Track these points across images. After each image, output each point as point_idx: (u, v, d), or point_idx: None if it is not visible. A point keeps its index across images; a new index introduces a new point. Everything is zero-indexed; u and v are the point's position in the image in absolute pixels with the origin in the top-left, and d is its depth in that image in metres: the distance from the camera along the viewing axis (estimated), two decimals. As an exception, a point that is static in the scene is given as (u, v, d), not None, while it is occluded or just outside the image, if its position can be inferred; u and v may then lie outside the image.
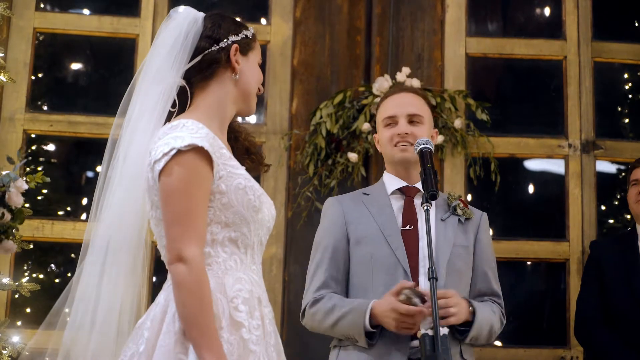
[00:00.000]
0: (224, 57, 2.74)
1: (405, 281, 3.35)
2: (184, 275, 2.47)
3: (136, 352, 2.52)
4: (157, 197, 2.58)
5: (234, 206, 2.61)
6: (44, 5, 5.56)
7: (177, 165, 2.52)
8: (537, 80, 6.01)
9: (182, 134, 2.55)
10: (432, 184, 3.22)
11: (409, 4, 5.32)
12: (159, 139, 2.59)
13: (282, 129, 5.17)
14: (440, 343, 2.91)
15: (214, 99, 2.74)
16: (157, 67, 2.71)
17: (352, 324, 3.38)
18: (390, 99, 3.71)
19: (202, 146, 2.53)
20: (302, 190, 5.03)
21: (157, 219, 2.62)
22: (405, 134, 3.57)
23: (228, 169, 2.62)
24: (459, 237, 3.55)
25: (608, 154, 5.28)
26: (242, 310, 2.56)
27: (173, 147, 2.52)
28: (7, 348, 4.14)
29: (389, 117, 3.64)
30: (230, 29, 2.78)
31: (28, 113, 5.10)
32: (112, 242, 2.64)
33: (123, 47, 5.59)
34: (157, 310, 2.56)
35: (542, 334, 5.77)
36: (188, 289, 2.47)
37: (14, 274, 4.86)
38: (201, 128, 2.58)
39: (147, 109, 2.68)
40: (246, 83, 2.79)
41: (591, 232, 5.11)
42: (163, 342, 2.49)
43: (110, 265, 2.63)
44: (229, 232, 2.62)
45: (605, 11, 5.58)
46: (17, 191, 3.89)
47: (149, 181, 2.60)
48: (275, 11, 5.32)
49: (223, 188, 2.59)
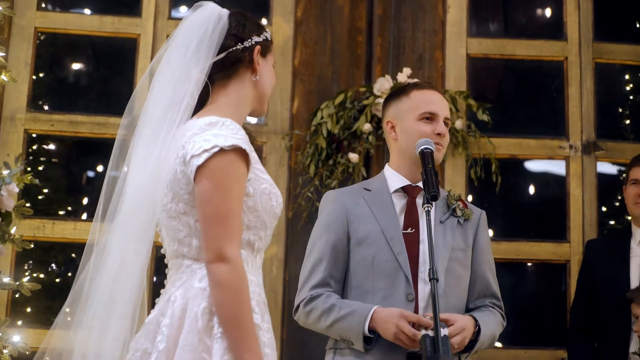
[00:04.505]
0: (247, 57, 2.74)
1: (415, 315, 3.31)
2: (226, 274, 2.46)
3: (154, 350, 2.50)
4: (182, 190, 2.56)
5: (258, 210, 2.61)
6: (45, 5, 5.57)
7: (219, 164, 2.50)
8: (538, 81, 6.02)
9: (224, 133, 2.54)
10: (434, 185, 3.21)
11: (410, 5, 5.32)
12: (195, 135, 2.56)
13: (283, 129, 5.17)
14: (441, 344, 2.90)
15: (234, 98, 2.73)
16: (183, 64, 2.68)
17: (351, 326, 3.34)
18: (429, 94, 3.59)
19: (244, 148, 2.53)
20: (303, 191, 5.03)
21: (177, 212, 2.59)
22: (444, 135, 3.52)
23: (256, 172, 2.61)
24: (457, 240, 3.51)
25: (609, 155, 5.27)
26: (258, 313, 2.56)
27: (215, 145, 2.51)
28: (7, 347, 4.15)
29: (430, 113, 3.52)
30: (253, 30, 2.78)
31: (29, 113, 5.10)
32: (126, 242, 2.62)
33: (124, 47, 5.60)
34: (175, 308, 2.54)
35: (542, 335, 5.76)
36: (229, 289, 2.46)
37: (14, 273, 4.86)
38: (240, 129, 2.58)
39: (173, 105, 2.64)
40: (264, 85, 2.79)
41: (592, 233, 5.11)
42: (186, 341, 2.47)
43: (120, 264, 2.61)
44: (249, 235, 2.61)
45: (606, 12, 5.58)
46: (8, 195, 3.89)
47: (177, 174, 2.57)
48: (276, 11, 5.32)
49: (250, 191, 2.59)
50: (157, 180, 2.60)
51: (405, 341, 3.24)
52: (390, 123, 3.62)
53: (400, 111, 3.60)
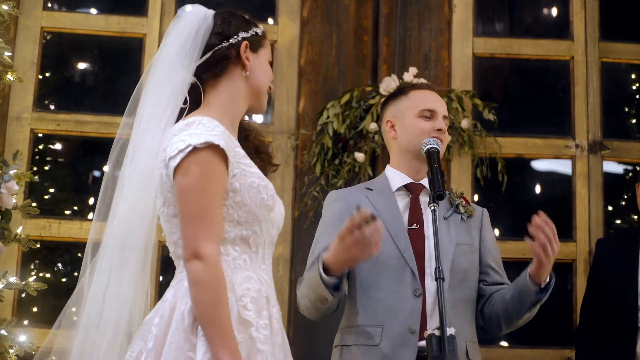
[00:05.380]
0: (234, 54, 2.75)
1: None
2: (201, 272, 2.47)
3: (144, 349, 2.53)
4: (170, 193, 2.59)
5: (247, 205, 2.62)
6: (52, 5, 5.57)
7: (193, 163, 2.53)
8: (544, 81, 6.01)
9: (198, 131, 2.56)
10: (440, 184, 3.21)
11: (416, 4, 5.31)
12: (174, 136, 2.59)
13: (289, 128, 5.17)
14: (447, 343, 2.90)
15: (225, 96, 2.74)
16: (168, 65, 2.72)
17: (314, 279, 3.25)
18: (427, 93, 3.66)
19: (218, 144, 2.54)
20: (309, 190, 5.03)
21: (169, 216, 2.63)
22: (444, 131, 3.55)
23: (242, 167, 2.63)
24: (462, 235, 3.53)
25: (615, 154, 5.26)
26: (250, 309, 2.57)
27: (189, 144, 2.53)
28: (14, 347, 4.15)
29: (429, 110, 3.57)
30: (240, 26, 2.79)
31: (35, 112, 5.10)
32: (122, 242, 2.64)
33: (130, 46, 5.60)
34: (165, 307, 2.57)
35: (548, 335, 5.75)
36: (204, 286, 2.47)
37: (20, 273, 4.87)
38: (217, 126, 2.59)
39: (159, 106, 2.68)
40: (257, 80, 2.79)
41: (598, 232, 5.10)
42: (173, 338, 2.49)
43: (119, 265, 2.63)
44: (241, 231, 2.62)
45: (612, 11, 5.58)
46: (8, 192, 3.90)
47: (162, 178, 2.61)
48: (282, 11, 5.32)
49: (237, 186, 2.60)
50: (149, 180, 2.64)
51: (350, 227, 2.96)
52: (390, 122, 3.66)
53: (400, 110, 3.64)
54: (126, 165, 2.70)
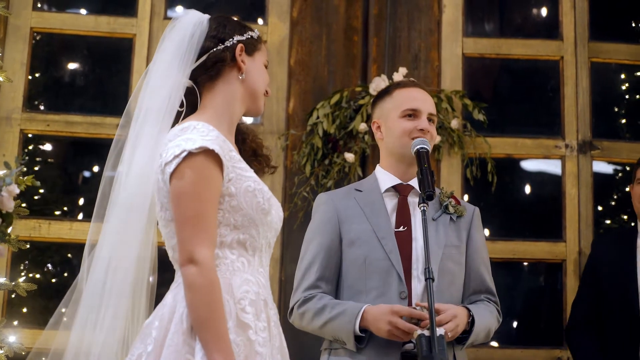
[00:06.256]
0: (229, 56, 2.76)
1: (405, 307, 3.31)
2: (195, 277, 2.49)
3: (144, 352, 2.53)
4: (166, 198, 2.61)
5: (244, 209, 2.63)
6: (41, 5, 5.56)
7: (187, 168, 2.54)
8: (534, 81, 6.02)
9: (193, 136, 2.57)
10: (429, 185, 3.21)
11: (406, 4, 5.32)
12: (169, 141, 2.61)
13: (278, 129, 5.17)
14: (436, 343, 2.90)
15: (221, 99, 2.76)
16: (164, 68, 2.73)
17: (342, 326, 3.35)
18: (411, 91, 3.62)
19: (212, 149, 2.55)
20: (299, 191, 5.03)
21: (166, 220, 2.64)
22: (427, 130, 3.52)
23: (237, 171, 2.64)
24: (450, 237, 3.52)
25: (605, 154, 5.27)
26: (249, 312, 2.58)
27: (184, 150, 2.55)
28: (3, 348, 4.14)
29: (411, 110, 3.54)
30: (235, 29, 2.80)
31: (25, 113, 5.09)
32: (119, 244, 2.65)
33: (120, 47, 5.59)
34: (165, 311, 2.58)
35: (538, 335, 5.77)
36: (199, 290, 2.48)
37: (10, 273, 4.86)
38: (212, 130, 2.60)
39: (154, 110, 2.69)
40: (253, 82, 2.81)
41: (588, 232, 5.11)
42: (171, 341, 2.50)
43: (115, 268, 2.64)
44: (238, 235, 2.64)
45: (602, 11, 5.59)
46: (9, 195, 3.89)
47: (159, 183, 2.62)
48: (272, 11, 5.32)
49: (232, 190, 2.61)
50: (146, 183, 2.65)
51: (401, 336, 3.25)
52: (377, 123, 3.65)
53: (384, 111, 3.63)
54: (122, 166, 2.71)
